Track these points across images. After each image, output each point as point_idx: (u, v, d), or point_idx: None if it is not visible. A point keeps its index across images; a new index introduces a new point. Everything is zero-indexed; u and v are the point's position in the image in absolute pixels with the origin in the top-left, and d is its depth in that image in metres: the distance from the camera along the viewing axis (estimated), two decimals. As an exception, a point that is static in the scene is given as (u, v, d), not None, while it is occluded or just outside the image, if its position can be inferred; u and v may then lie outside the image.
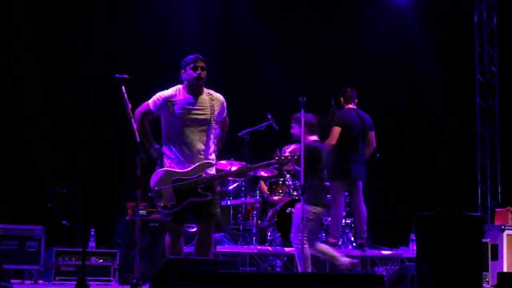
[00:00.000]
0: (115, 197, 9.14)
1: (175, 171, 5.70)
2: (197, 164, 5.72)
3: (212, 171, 5.85)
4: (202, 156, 5.78)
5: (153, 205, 8.25)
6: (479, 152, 11.50)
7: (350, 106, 8.46)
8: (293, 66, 10.82)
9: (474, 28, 11.66)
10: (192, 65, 5.85)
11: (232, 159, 8.67)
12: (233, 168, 8.72)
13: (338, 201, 8.25)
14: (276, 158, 6.04)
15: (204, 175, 5.71)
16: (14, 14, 9.16)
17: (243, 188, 8.81)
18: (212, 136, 5.84)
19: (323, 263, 8.22)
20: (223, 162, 8.50)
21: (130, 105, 5.74)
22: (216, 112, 5.86)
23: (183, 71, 5.90)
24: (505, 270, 8.35)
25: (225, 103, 5.99)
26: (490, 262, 8.41)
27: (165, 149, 5.84)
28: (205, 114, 5.82)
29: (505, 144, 11.42)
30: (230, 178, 9.07)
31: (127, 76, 5.66)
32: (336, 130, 8.19)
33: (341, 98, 8.52)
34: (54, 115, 9.12)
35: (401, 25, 11.69)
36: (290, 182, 8.94)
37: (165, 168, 5.73)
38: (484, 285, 6.57)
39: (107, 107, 8.24)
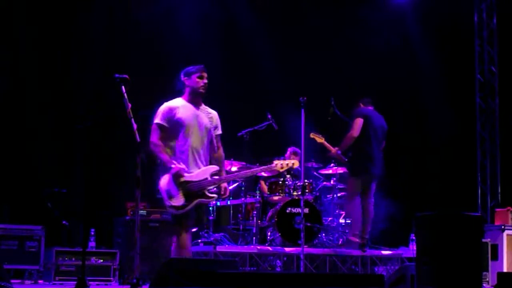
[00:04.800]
0: (115, 197, 9.14)
1: (183, 174, 5.83)
2: (203, 168, 5.93)
3: (217, 175, 6.05)
4: (203, 161, 5.99)
5: (153, 205, 8.31)
6: (479, 152, 11.50)
7: (371, 108, 8.49)
8: (293, 66, 10.82)
9: (474, 28, 11.67)
10: (198, 74, 6.04)
11: (232, 159, 8.67)
12: (233, 169, 8.73)
13: (356, 200, 8.20)
14: (276, 163, 6.23)
15: (209, 178, 5.91)
16: (14, 14, 9.16)
17: (243, 188, 8.81)
18: (211, 144, 6.09)
19: (323, 263, 8.22)
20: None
21: (130, 105, 5.75)
22: (214, 124, 6.12)
23: (186, 78, 6.06)
24: (505, 270, 8.34)
25: (219, 119, 6.24)
26: (490, 262, 8.40)
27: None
28: (206, 122, 6.04)
29: (505, 144, 11.42)
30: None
31: (127, 76, 5.67)
32: (359, 121, 8.15)
33: (361, 104, 8.48)
34: (54, 115, 9.12)
35: (401, 25, 11.68)
36: (290, 182, 8.93)
37: (175, 171, 5.83)
38: (484, 285, 6.58)
39: (107, 107, 8.23)
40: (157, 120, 5.96)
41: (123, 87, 5.66)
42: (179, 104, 5.99)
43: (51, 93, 9.20)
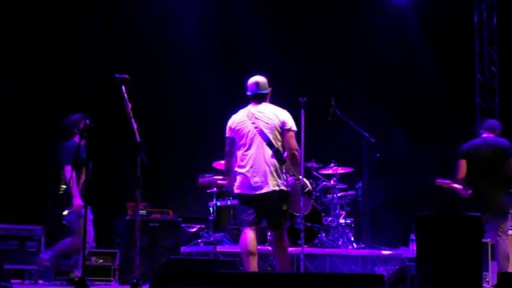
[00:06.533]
0: (115, 197, 9.14)
1: None
2: None
3: None
4: None
5: (153, 205, 8.32)
6: (479, 152, 11.48)
7: (484, 135, 7.96)
8: (293, 65, 10.82)
9: (474, 28, 11.67)
10: None
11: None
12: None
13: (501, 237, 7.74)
14: None
15: None
16: (14, 14, 9.16)
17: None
18: None
19: (323, 263, 8.22)
20: (222, 162, 8.49)
21: (130, 105, 5.75)
22: None
23: (270, 89, 6.45)
24: (505, 270, 8.33)
25: None
26: (490, 262, 8.39)
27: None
28: None
29: (505, 144, 11.40)
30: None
31: (127, 76, 5.66)
32: (460, 163, 7.81)
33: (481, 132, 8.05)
34: (54, 115, 9.12)
35: (401, 25, 11.68)
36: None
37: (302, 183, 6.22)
38: (484, 285, 6.57)
39: (107, 107, 8.24)
40: (295, 128, 6.24)
41: (123, 87, 5.66)
42: None
43: (51, 93, 9.20)
